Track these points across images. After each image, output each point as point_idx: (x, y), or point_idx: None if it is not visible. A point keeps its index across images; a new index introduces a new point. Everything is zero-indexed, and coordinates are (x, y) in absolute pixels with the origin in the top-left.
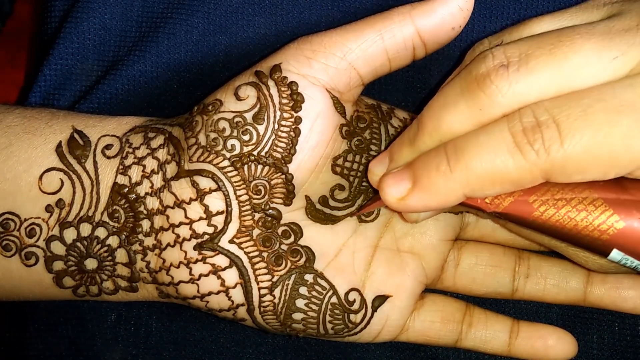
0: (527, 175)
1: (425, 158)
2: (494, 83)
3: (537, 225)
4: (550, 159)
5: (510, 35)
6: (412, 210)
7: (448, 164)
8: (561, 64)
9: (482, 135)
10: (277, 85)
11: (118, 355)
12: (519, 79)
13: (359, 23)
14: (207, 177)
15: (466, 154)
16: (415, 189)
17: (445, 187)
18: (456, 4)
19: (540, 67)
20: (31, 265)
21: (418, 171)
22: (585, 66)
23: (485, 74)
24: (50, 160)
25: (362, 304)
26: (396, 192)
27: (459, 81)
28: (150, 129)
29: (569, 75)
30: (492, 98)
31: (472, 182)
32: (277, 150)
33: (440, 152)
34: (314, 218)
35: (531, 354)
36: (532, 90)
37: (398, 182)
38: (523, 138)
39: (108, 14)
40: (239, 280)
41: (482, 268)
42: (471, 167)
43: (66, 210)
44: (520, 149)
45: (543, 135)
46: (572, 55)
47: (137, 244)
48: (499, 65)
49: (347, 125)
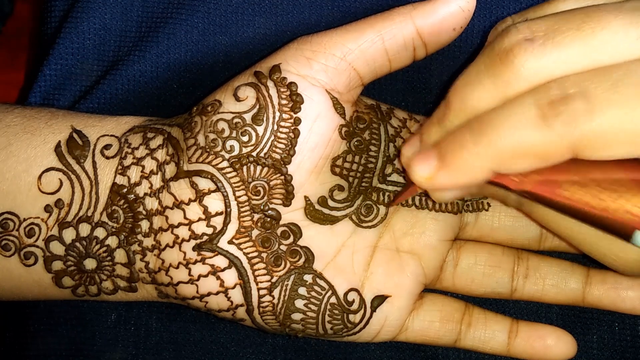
0: (553, 149)
1: (452, 136)
2: (517, 57)
3: (564, 205)
4: (578, 131)
5: (534, 13)
6: (441, 188)
7: (473, 139)
8: (589, 40)
9: (507, 109)
10: (277, 86)
11: (118, 355)
12: (545, 53)
13: (359, 23)
14: (206, 178)
15: (491, 128)
16: (442, 166)
17: (471, 163)
18: (457, 5)
19: (568, 42)
20: (30, 265)
21: (444, 149)
22: (613, 42)
23: (509, 48)
24: (50, 160)
25: (361, 304)
26: (424, 171)
27: (483, 58)
28: (149, 129)
29: (596, 51)
30: (517, 72)
31: (498, 157)
32: (276, 151)
33: (466, 128)
34: (313, 218)
35: (530, 354)
36: (559, 64)
37: (425, 161)
38: (550, 110)
39: (108, 14)
40: (238, 280)
41: (480, 268)
42: (496, 141)
43: (65, 210)
44: (547, 121)
45: (571, 107)
46: (599, 30)
47: (136, 244)
48: (524, 39)
49: (347, 126)
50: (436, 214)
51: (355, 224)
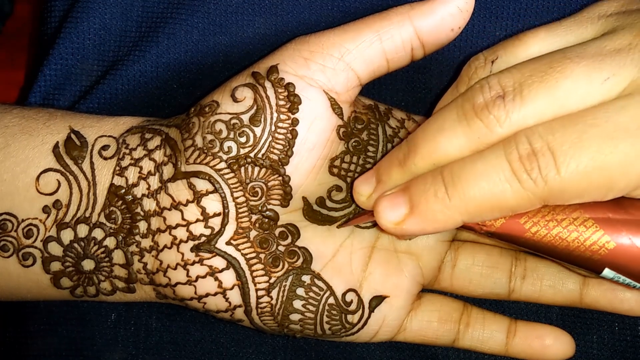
0: (525, 202)
1: (422, 184)
2: (492, 114)
3: (530, 244)
4: (548, 186)
5: (504, 50)
6: (408, 234)
7: (446, 191)
8: (553, 90)
9: (480, 162)
10: (274, 87)
11: (118, 355)
12: (515, 109)
13: (357, 23)
14: (203, 179)
15: (464, 181)
16: (412, 214)
17: (443, 214)
18: (456, 5)
19: (534, 95)
20: (29, 265)
21: (415, 197)
22: (577, 90)
23: (484, 104)
24: (48, 161)
25: (360, 305)
26: (393, 217)
27: (456, 108)
28: (147, 129)
29: (562, 100)
30: (491, 128)
31: (470, 209)
32: (274, 152)
33: (437, 177)
34: (311, 219)
35: (529, 353)
36: (528, 118)
37: (394, 207)
38: (520, 166)
39: (108, 14)
40: (236, 281)
41: (478, 269)
42: (469, 194)
43: (63, 211)
44: (518, 178)
45: (539, 163)
46: (563, 80)
47: (134, 245)
48: (496, 96)
49: (345, 127)
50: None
51: None
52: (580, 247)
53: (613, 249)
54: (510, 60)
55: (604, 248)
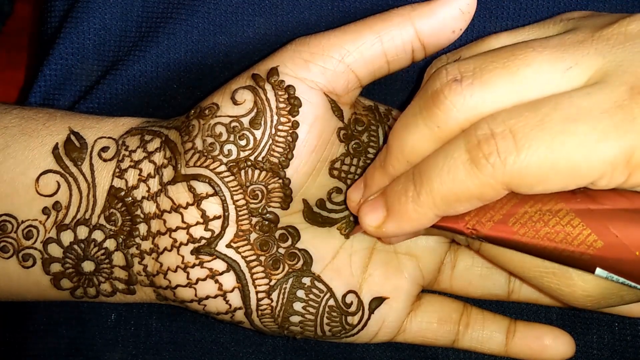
0: (488, 190)
1: (395, 184)
2: (448, 98)
3: (520, 246)
4: (507, 170)
5: (468, 51)
6: (390, 236)
7: (414, 188)
8: (514, 77)
9: (441, 155)
10: (274, 89)
11: (118, 355)
12: (473, 93)
13: (357, 24)
14: (203, 182)
15: (428, 176)
16: (389, 216)
17: (416, 211)
18: (457, 7)
19: (494, 80)
20: (28, 267)
21: (390, 199)
22: (539, 77)
23: (440, 89)
24: (47, 163)
25: (359, 306)
26: (372, 221)
27: (417, 100)
28: (146, 131)
29: (523, 87)
30: (447, 113)
31: (438, 203)
32: (274, 155)
33: (408, 177)
34: (311, 221)
35: (528, 354)
36: (487, 103)
37: (373, 211)
38: (478, 152)
39: (108, 14)
40: (236, 284)
41: (477, 270)
42: (434, 188)
43: (63, 213)
44: (476, 164)
45: (498, 146)
46: (524, 67)
47: (134, 247)
48: (452, 79)
49: (345, 129)
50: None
51: None
52: (569, 247)
53: (601, 248)
54: None
55: (592, 247)
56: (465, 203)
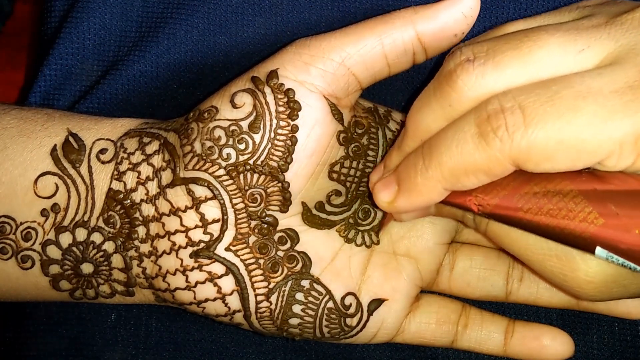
0: (495, 164)
1: (406, 160)
2: (460, 77)
3: (524, 224)
4: (515, 145)
5: (485, 36)
6: (402, 211)
7: (423, 162)
8: (527, 58)
9: (451, 129)
10: (274, 93)
11: (118, 355)
12: (485, 72)
13: (358, 27)
14: (202, 185)
15: (437, 149)
16: (400, 191)
17: (425, 184)
18: (460, 11)
19: (506, 61)
20: (27, 268)
21: (401, 174)
22: (551, 59)
23: (452, 69)
24: (46, 164)
25: (358, 308)
26: (385, 197)
27: (433, 81)
28: (145, 133)
29: (535, 68)
30: (459, 92)
31: (447, 176)
32: (273, 159)
33: (418, 152)
34: (310, 223)
35: (526, 354)
36: (499, 82)
37: (386, 187)
38: (487, 126)
39: (108, 14)
40: (235, 287)
41: (476, 271)
42: (443, 162)
43: (61, 215)
44: (485, 138)
45: (507, 121)
46: (537, 49)
47: (133, 250)
48: (465, 60)
49: (345, 132)
50: (433, 218)
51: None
52: (571, 224)
53: (602, 225)
54: None
55: (592, 224)
56: (473, 177)
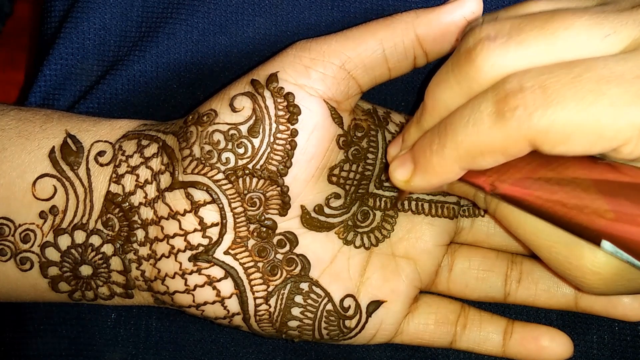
0: (512, 143)
1: (423, 138)
2: (480, 55)
3: (534, 208)
4: (533, 125)
5: (505, 13)
6: (419, 190)
7: (439, 141)
8: (552, 38)
9: (468, 108)
10: (273, 97)
11: (118, 355)
12: (508, 50)
13: (359, 29)
14: (201, 189)
15: (453, 128)
16: (416, 170)
17: (440, 164)
18: (462, 15)
19: (530, 40)
20: (26, 270)
21: (417, 152)
22: (576, 41)
23: (472, 47)
24: (44, 166)
25: (357, 310)
26: (401, 175)
27: (451, 58)
28: (143, 136)
29: (559, 49)
30: (479, 69)
31: (462, 155)
32: (273, 163)
33: (434, 130)
34: (310, 226)
35: (525, 355)
36: (521, 61)
37: (402, 165)
38: (505, 105)
39: (108, 14)
40: (234, 290)
41: (474, 272)
42: (459, 141)
43: (60, 217)
44: (502, 117)
45: (526, 100)
46: (563, 30)
47: (132, 252)
48: (487, 37)
49: (344, 136)
50: (432, 219)
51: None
52: (580, 214)
53: (612, 219)
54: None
55: (603, 218)
56: (489, 157)
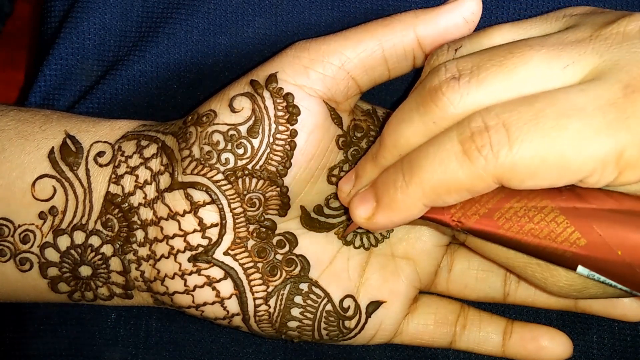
0: (479, 182)
1: (385, 175)
2: (445, 95)
3: (504, 241)
4: (499, 163)
5: (470, 41)
6: (381, 228)
7: (404, 178)
8: (511, 75)
9: (433, 145)
10: (273, 97)
11: (118, 355)
12: (470, 90)
13: (358, 30)
14: (201, 190)
15: (419, 166)
16: (379, 207)
17: (405, 202)
18: (461, 16)
19: (491, 78)
20: (26, 270)
21: (379, 189)
22: (535, 75)
23: (438, 86)
24: (43, 167)
25: (357, 310)
26: (363, 213)
27: (415, 95)
28: (142, 136)
29: (519, 85)
30: (444, 110)
31: (428, 193)
32: (272, 163)
33: (397, 167)
34: (309, 227)
35: (525, 355)
36: (483, 100)
37: (364, 203)
38: (471, 144)
39: (108, 14)
40: (234, 291)
41: (473, 273)
42: (425, 179)
43: (59, 218)
44: (469, 156)
45: (491, 139)
46: (522, 65)
47: (131, 253)
48: (451, 77)
49: (344, 136)
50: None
51: None
52: (552, 244)
53: (584, 246)
54: (473, 48)
55: (575, 245)
56: (455, 194)
